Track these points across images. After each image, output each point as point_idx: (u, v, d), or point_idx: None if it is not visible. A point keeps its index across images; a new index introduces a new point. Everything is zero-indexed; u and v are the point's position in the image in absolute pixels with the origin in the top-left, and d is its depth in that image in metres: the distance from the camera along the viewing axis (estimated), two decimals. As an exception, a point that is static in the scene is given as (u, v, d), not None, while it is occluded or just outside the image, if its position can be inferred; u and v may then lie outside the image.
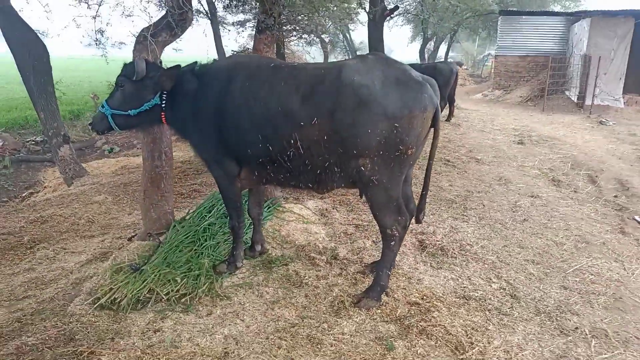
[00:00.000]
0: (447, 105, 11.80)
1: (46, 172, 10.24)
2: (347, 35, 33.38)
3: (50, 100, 7.56)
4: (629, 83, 15.48)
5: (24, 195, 8.86)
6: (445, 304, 3.43)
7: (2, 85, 25.01)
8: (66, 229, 5.52)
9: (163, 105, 3.65)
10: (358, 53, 35.34)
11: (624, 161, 8.36)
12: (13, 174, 10.54)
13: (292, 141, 3.21)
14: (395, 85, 3.07)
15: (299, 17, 7.75)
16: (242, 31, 15.05)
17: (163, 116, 3.69)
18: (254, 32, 15.43)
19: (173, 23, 4.42)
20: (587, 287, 3.81)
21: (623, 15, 14.79)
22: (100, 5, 5.63)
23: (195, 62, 3.71)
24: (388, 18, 15.84)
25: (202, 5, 17.06)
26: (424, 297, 3.47)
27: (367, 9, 13.12)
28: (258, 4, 5.20)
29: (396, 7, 15.13)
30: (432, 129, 3.30)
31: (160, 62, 3.93)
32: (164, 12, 4.70)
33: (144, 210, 4.63)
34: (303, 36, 12.24)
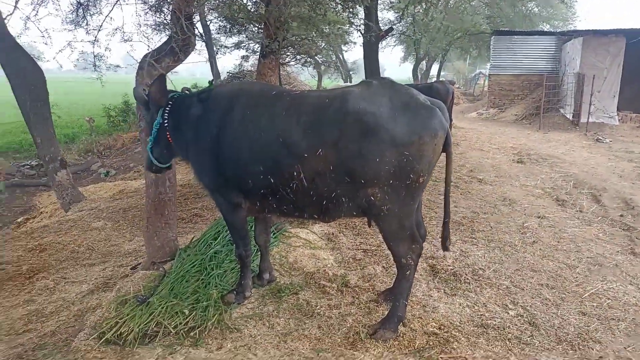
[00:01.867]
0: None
1: (41, 196, 10.08)
2: (340, 56, 33.74)
3: (47, 125, 7.46)
4: (623, 100, 15.67)
5: (19, 221, 8.69)
6: (464, 333, 3.32)
7: (-5, 108, 24.88)
8: (65, 257, 5.37)
9: (166, 124, 3.60)
10: (351, 73, 35.72)
11: (625, 179, 8.35)
12: (7, 199, 10.38)
13: (296, 173, 3.08)
14: (403, 111, 2.95)
15: (296, 39, 7.78)
16: (247, 55, 15.01)
17: (169, 136, 3.65)
18: (247, 54, 15.46)
19: (177, 48, 4.37)
20: (606, 312, 3.72)
21: (614, 34, 15.03)
22: (99, 30, 5.61)
23: (211, 82, 3.68)
24: (382, 39, 16.01)
25: (196, 28, 17.18)
26: (442, 327, 3.36)
27: (362, 31, 13.24)
28: (262, 28, 5.19)
29: (390, 29, 15.32)
30: (445, 154, 3.24)
31: (189, 89, 3.88)
32: (164, 36, 4.67)
33: (148, 238, 4.51)
34: (297, 57, 12.33)
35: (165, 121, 3.58)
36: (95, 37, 5.64)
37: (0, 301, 4.32)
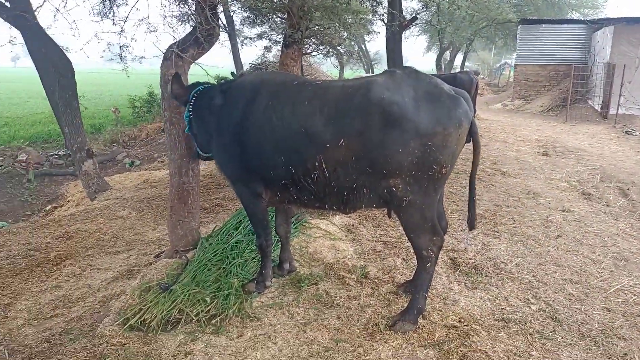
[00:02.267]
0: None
1: (68, 185, 10.35)
2: (363, 46, 33.43)
3: (75, 115, 7.61)
4: (655, 91, 15.12)
5: (47, 209, 8.95)
6: (484, 327, 3.29)
7: (25, 100, 25.59)
8: (91, 244, 5.51)
9: (191, 116, 3.66)
10: (374, 64, 35.38)
11: (655, 173, 8.11)
12: (36, 187, 10.70)
13: (317, 163, 3.07)
14: (427, 101, 2.92)
15: (319, 29, 7.75)
16: (269, 45, 14.99)
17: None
18: (270, 44, 15.47)
19: (201, 39, 4.40)
20: (631, 308, 3.64)
21: (648, 22, 14.51)
22: (125, 21, 5.68)
23: (233, 73, 3.73)
24: (405, 28, 15.79)
25: (220, 19, 17.24)
26: (462, 320, 3.34)
27: (386, 21, 13.07)
28: (285, 18, 5.19)
29: (414, 18, 15.08)
30: (472, 144, 3.19)
31: (224, 79, 3.94)
32: (188, 27, 4.69)
33: (171, 226, 4.59)
34: (320, 48, 12.27)
35: (190, 114, 3.65)
36: (122, 27, 5.72)
37: (29, 287, 4.46)
